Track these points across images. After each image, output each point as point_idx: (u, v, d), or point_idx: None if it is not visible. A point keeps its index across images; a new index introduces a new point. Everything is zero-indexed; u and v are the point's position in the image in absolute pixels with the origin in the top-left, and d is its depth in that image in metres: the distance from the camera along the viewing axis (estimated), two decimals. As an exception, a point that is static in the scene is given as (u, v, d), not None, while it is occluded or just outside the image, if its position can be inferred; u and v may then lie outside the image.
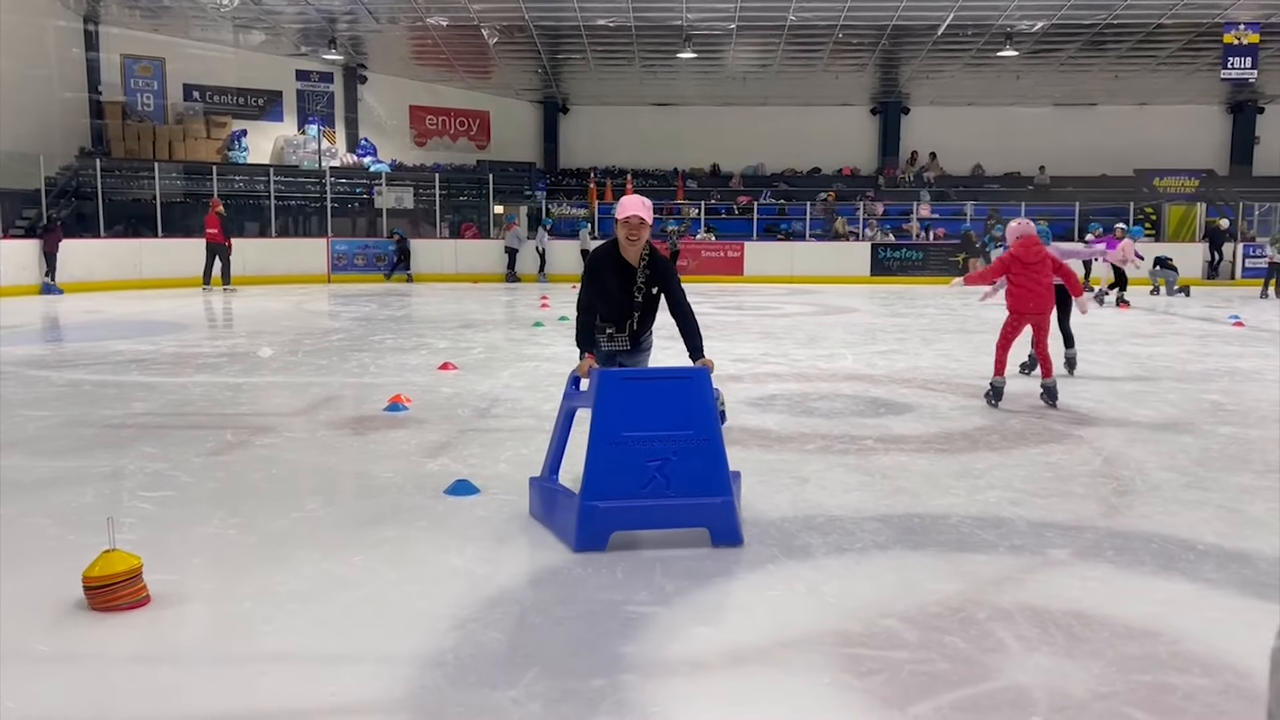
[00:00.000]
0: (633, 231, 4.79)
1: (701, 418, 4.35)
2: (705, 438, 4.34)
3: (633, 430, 4.30)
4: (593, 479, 4.29)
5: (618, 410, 4.32)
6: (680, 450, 4.31)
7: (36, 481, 5.50)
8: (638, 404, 4.34)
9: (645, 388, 4.41)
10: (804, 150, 30.89)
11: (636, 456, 4.29)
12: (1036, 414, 7.61)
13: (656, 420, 4.32)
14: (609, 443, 4.28)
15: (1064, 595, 3.87)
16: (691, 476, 4.31)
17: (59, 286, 19.70)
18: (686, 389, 4.40)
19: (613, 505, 4.27)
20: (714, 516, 4.35)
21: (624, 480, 4.29)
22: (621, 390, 4.37)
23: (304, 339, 12.39)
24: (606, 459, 4.28)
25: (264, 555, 4.31)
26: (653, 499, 4.29)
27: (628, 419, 4.31)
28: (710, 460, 4.34)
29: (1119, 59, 25.23)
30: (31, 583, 3.96)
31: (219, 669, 3.25)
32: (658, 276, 4.91)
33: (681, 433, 4.31)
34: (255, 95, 26.77)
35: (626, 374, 4.56)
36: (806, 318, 15.38)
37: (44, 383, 8.88)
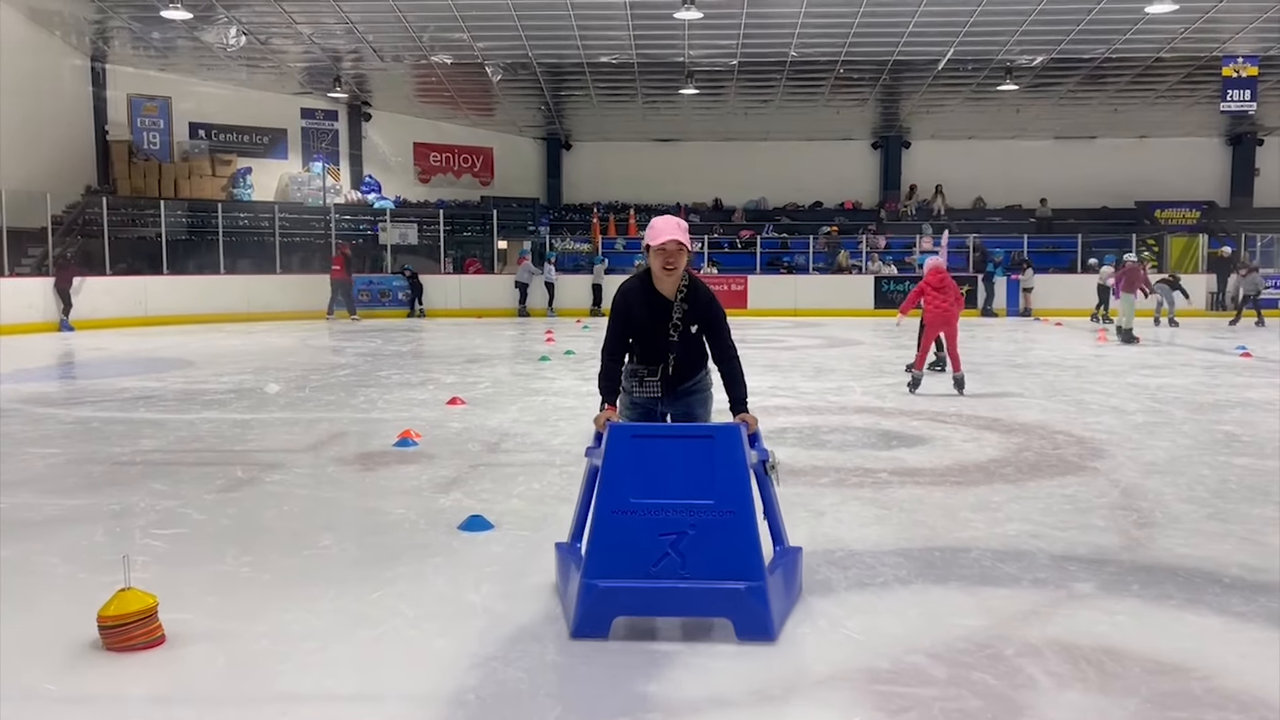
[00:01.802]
0: (670, 260, 4.07)
1: (727, 485, 3.68)
2: (730, 509, 3.65)
3: (643, 496, 3.68)
4: (596, 553, 3.70)
5: (627, 472, 3.72)
6: (699, 523, 3.64)
7: (46, 520, 5.45)
8: (650, 465, 3.72)
9: (660, 446, 3.77)
10: (806, 184, 31.05)
11: (647, 528, 3.66)
12: (1050, 445, 7.56)
13: (672, 486, 3.69)
14: (615, 510, 3.69)
15: (1092, 630, 3.80)
16: (712, 555, 3.63)
17: (71, 324, 19.78)
18: (709, 450, 3.74)
19: (617, 586, 3.63)
20: (737, 606, 3.62)
21: (632, 556, 3.65)
22: (631, 449, 3.76)
23: (310, 375, 12.37)
24: (612, 530, 3.68)
25: (279, 593, 4.25)
26: (665, 580, 3.63)
27: (638, 483, 3.70)
28: (737, 536, 3.64)
29: (1118, 92, 25.41)
30: (43, 622, 3.91)
31: (238, 710, 3.19)
32: (698, 313, 4.18)
33: (701, 502, 3.66)
34: (260, 133, 26.97)
35: (639, 429, 3.93)
36: (812, 350, 15.37)
37: (51, 420, 8.85)
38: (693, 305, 4.16)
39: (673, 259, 4.08)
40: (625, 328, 4.22)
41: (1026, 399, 10.09)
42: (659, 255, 4.09)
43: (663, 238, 4.06)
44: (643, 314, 4.19)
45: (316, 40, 21.75)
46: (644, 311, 4.18)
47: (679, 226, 4.12)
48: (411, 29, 20.62)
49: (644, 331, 4.22)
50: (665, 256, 4.08)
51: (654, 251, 4.09)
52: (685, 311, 4.15)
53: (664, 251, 4.08)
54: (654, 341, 4.21)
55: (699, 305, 4.17)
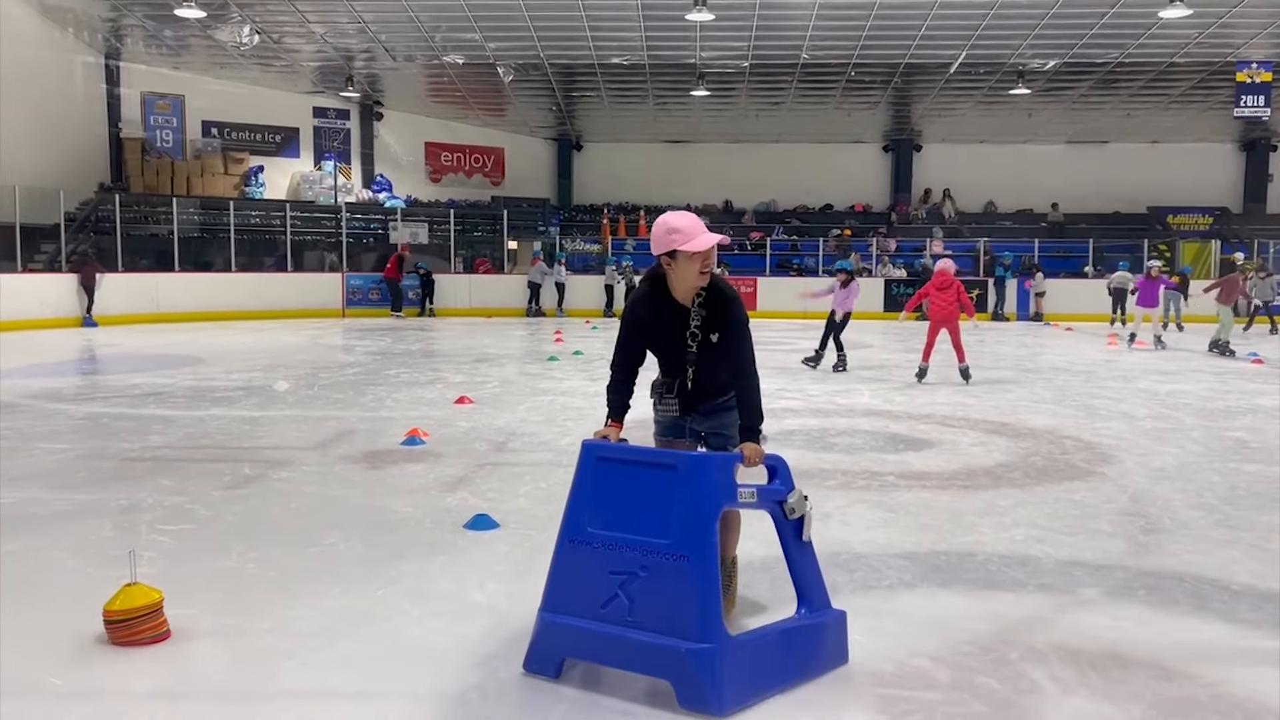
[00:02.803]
0: (706, 262, 3.60)
1: (685, 524, 3.15)
2: (683, 553, 3.11)
3: (601, 526, 3.29)
4: (552, 583, 3.37)
5: (589, 497, 3.36)
6: (651, 566, 3.16)
7: (55, 515, 5.47)
8: (613, 492, 3.32)
9: (624, 472, 3.34)
10: (816, 187, 31.03)
11: (600, 563, 3.25)
12: (1058, 450, 7.54)
13: (631, 518, 3.25)
14: (571, 538, 3.34)
15: (1098, 636, 3.79)
16: (660, 604, 3.13)
17: (94, 319, 19.95)
18: (671, 482, 3.21)
19: (567, 623, 3.29)
20: (676, 669, 3.08)
21: (583, 592, 3.27)
22: (596, 472, 3.38)
23: (319, 373, 12.40)
24: (568, 560, 3.35)
25: (284, 590, 4.27)
26: (611, 625, 3.20)
27: (599, 511, 3.32)
28: (687, 586, 3.09)
29: (1131, 97, 25.32)
30: (49, 616, 3.93)
31: (243, 706, 3.20)
32: (716, 319, 3.64)
33: (655, 540, 3.17)
34: (272, 132, 27.06)
35: (606, 450, 3.45)
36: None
37: (62, 416, 8.89)
38: (712, 310, 3.64)
39: (709, 261, 3.61)
40: (636, 341, 3.77)
41: (1035, 404, 10.06)
42: (695, 260, 3.56)
43: (701, 240, 3.54)
44: (656, 324, 3.70)
45: (329, 40, 21.82)
46: (658, 322, 3.70)
47: (705, 226, 3.67)
48: (424, 29, 20.67)
49: (660, 343, 3.75)
50: (703, 260, 3.57)
51: (688, 257, 3.55)
52: (704, 318, 3.64)
53: (699, 255, 3.56)
54: (671, 354, 3.74)
55: (719, 309, 3.64)
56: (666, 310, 3.68)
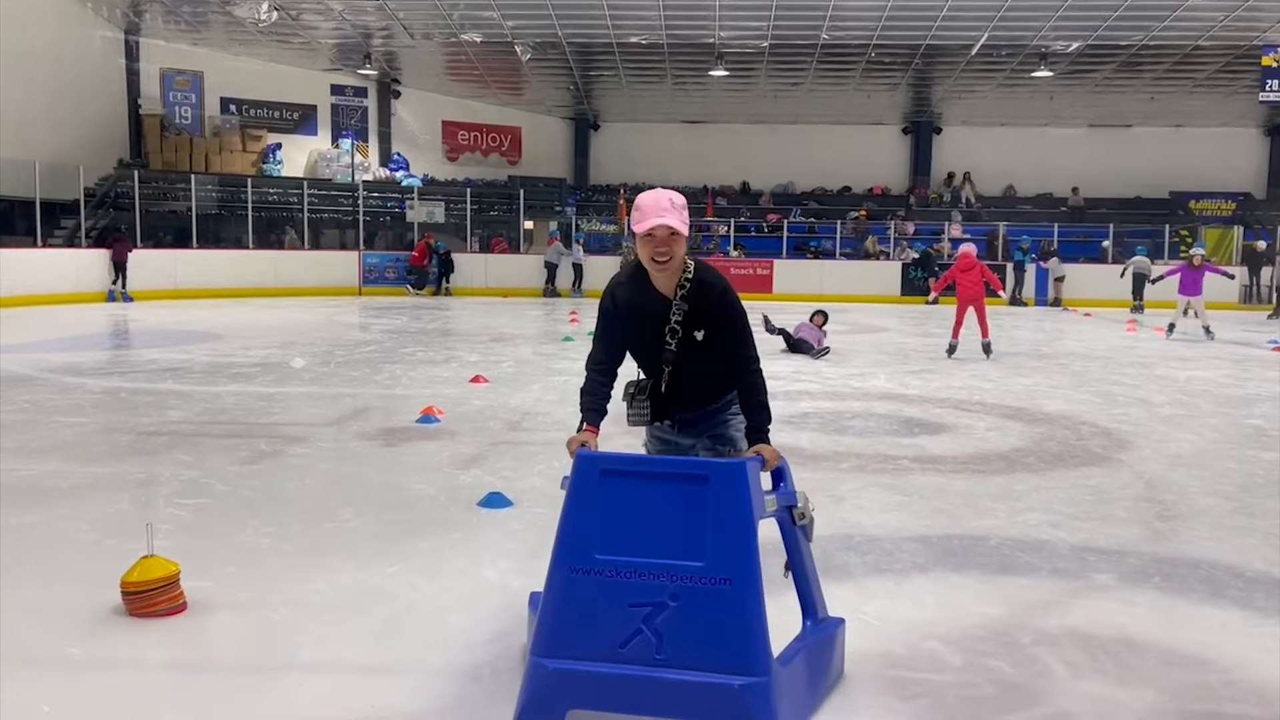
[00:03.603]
0: (661, 249, 3.08)
1: (724, 543, 2.73)
2: (725, 576, 2.70)
3: (612, 552, 2.77)
4: (549, 622, 2.80)
5: (592, 517, 2.82)
6: (684, 592, 2.71)
7: (74, 487, 5.53)
8: (624, 510, 2.81)
9: (638, 486, 2.84)
10: (835, 169, 30.83)
11: (614, 595, 2.74)
12: (1074, 436, 7.50)
13: (651, 540, 2.77)
14: (574, 568, 2.79)
15: (1111, 621, 3.78)
16: (699, 636, 2.69)
17: (130, 295, 20.23)
18: (701, 495, 2.77)
19: (573, 669, 2.74)
20: (729, 708, 2.66)
21: (594, 630, 2.75)
22: (600, 488, 2.85)
23: (336, 350, 12.45)
24: (569, 593, 2.79)
25: (299, 565, 4.30)
26: (635, 666, 2.70)
27: (606, 533, 2.80)
28: (733, 614, 2.69)
29: (1155, 80, 25.03)
30: (68, 587, 3.97)
31: (257, 678, 3.24)
32: (702, 313, 3.17)
33: (687, 564, 2.72)
34: (290, 109, 27.07)
35: (612, 461, 2.94)
36: (837, 336, 15.26)
37: (81, 390, 8.96)
38: (696, 304, 3.15)
39: (665, 248, 3.08)
40: (612, 334, 3.27)
41: (1052, 389, 10.01)
42: (646, 244, 3.10)
43: (648, 221, 3.06)
44: (633, 317, 3.23)
45: (347, 16, 21.78)
46: (635, 314, 3.22)
47: (671, 204, 3.10)
48: (442, 6, 20.60)
49: (637, 339, 3.27)
50: (654, 245, 3.08)
51: (640, 240, 3.11)
52: (685, 312, 3.15)
53: (652, 239, 3.08)
54: (647, 351, 3.26)
55: (705, 303, 3.15)
56: (646, 301, 3.20)
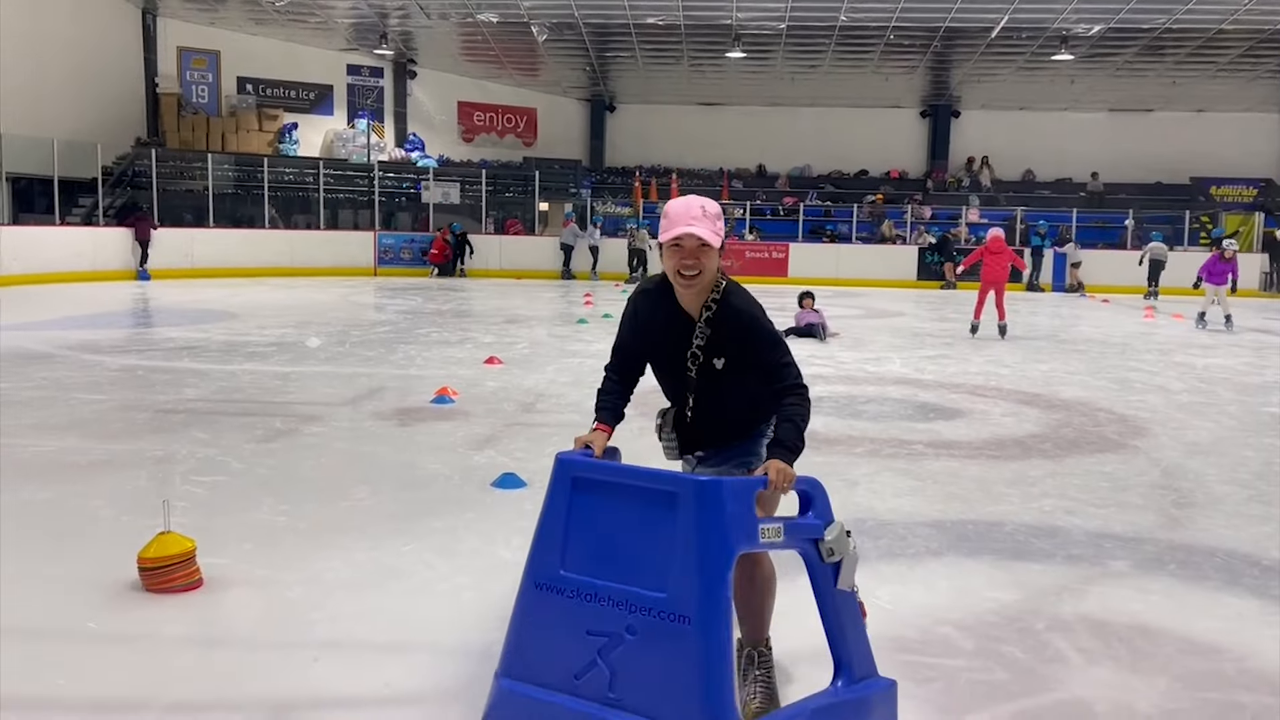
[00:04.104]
0: (688, 261, 2.73)
1: (687, 574, 2.34)
2: (683, 613, 2.31)
3: (576, 569, 2.49)
4: (513, 638, 2.58)
5: (563, 529, 2.54)
6: (641, 627, 2.36)
7: (91, 463, 5.57)
8: (596, 523, 2.52)
9: (612, 496, 2.52)
10: (851, 152, 30.65)
11: (574, 618, 2.45)
12: (1091, 422, 7.46)
13: (616, 561, 2.45)
14: (538, 583, 2.53)
15: (1125, 608, 3.77)
16: (652, 680, 2.34)
17: (148, 273, 20.43)
18: (669, 515, 2.39)
19: (526, 695, 2.49)
20: None
21: (552, 654, 2.48)
22: (571, 497, 2.57)
23: (351, 330, 12.49)
24: (532, 610, 2.54)
25: (314, 543, 4.32)
26: (587, 702, 2.40)
27: (576, 547, 2.51)
28: (685, 658, 2.31)
29: (1177, 64, 24.75)
30: (86, 562, 4.01)
31: (272, 654, 3.26)
32: (725, 340, 2.80)
33: (647, 594, 2.37)
34: (307, 89, 27.07)
35: (588, 469, 2.62)
36: (852, 320, 15.24)
37: (99, 367, 9.01)
38: (718, 328, 2.79)
39: (692, 259, 2.72)
40: (630, 346, 2.98)
41: (1069, 375, 9.95)
42: (673, 254, 2.75)
43: (675, 230, 2.72)
44: (654, 332, 2.90)
45: (364, -4, 21.74)
46: (656, 331, 2.90)
47: (704, 212, 2.74)
48: (458, -14, 20.52)
49: (658, 358, 2.95)
50: (680, 256, 2.73)
51: (667, 250, 2.76)
52: (708, 337, 2.80)
53: (679, 249, 2.73)
54: (670, 375, 2.94)
55: (728, 329, 2.79)
56: (669, 318, 2.86)
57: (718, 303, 2.80)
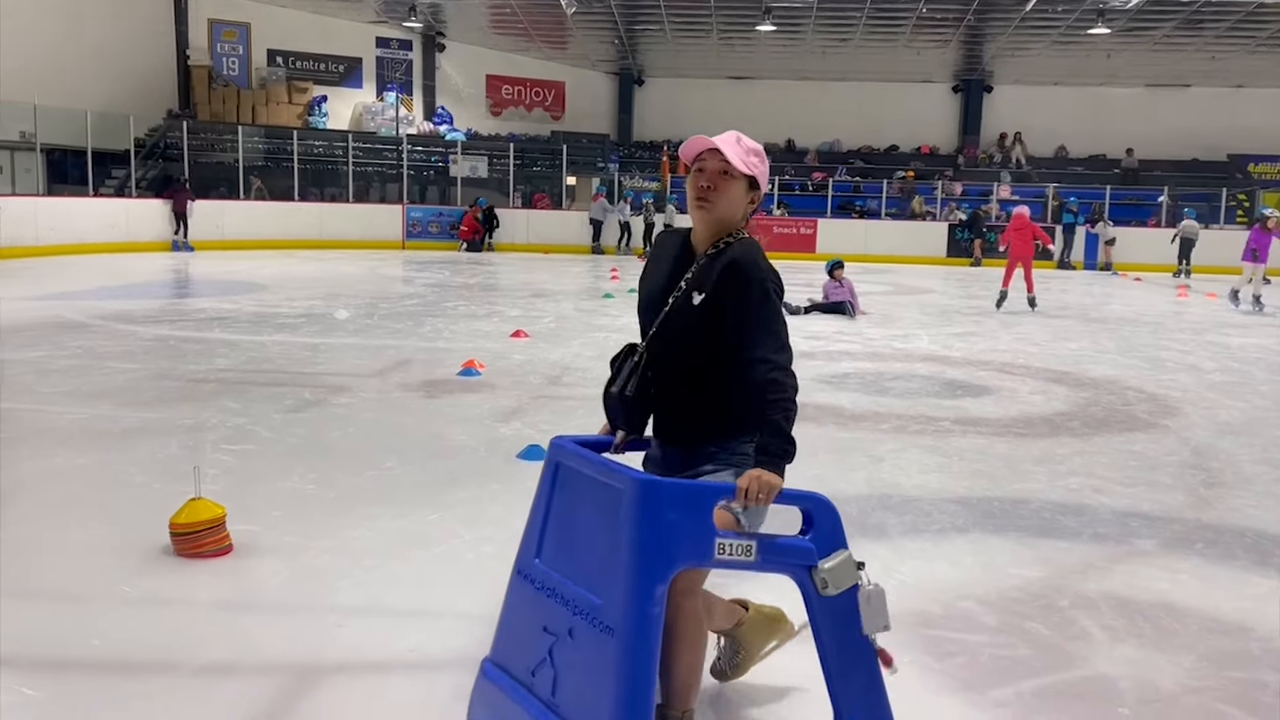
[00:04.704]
0: (706, 186, 2.45)
1: (620, 580, 2.16)
2: (610, 624, 2.16)
3: (547, 560, 2.42)
4: (501, 620, 2.54)
5: (544, 516, 2.47)
6: (580, 631, 2.24)
7: (125, 431, 5.65)
8: (573, 512, 2.41)
9: (582, 488, 2.38)
10: (882, 127, 30.36)
11: (538, 611, 2.37)
12: (1120, 401, 7.39)
13: (577, 557, 2.34)
14: (519, 569, 2.49)
15: (1152, 587, 3.75)
16: (581, 689, 2.22)
17: (191, 244, 20.66)
18: (615, 510, 2.21)
19: (499, 684, 2.44)
20: None
21: (520, 644, 2.42)
22: (553, 482, 2.46)
23: (379, 303, 12.56)
24: (513, 597, 2.50)
25: (341, 511, 4.37)
26: (533, 701, 2.33)
27: (549, 536, 2.44)
28: (605, 674, 2.15)
29: (1216, 39, 24.28)
30: (119, 528, 4.07)
31: (299, 618, 3.31)
32: (711, 274, 2.42)
33: (589, 597, 2.23)
34: (336, 61, 27.12)
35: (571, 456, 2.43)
36: (880, 297, 15.14)
37: (132, 337, 9.12)
38: (710, 271, 2.43)
39: (712, 184, 2.44)
40: (641, 288, 2.64)
41: (1099, 354, 9.86)
42: (694, 178, 2.48)
43: (700, 146, 2.48)
44: (658, 265, 2.60)
45: (393, -32, 21.71)
46: (660, 262, 2.60)
47: (738, 140, 2.49)
48: (487, -42, 20.44)
49: (648, 292, 2.59)
50: (699, 181, 2.46)
51: (690, 176, 2.51)
52: (698, 270, 2.46)
53: (700, 173, 2.47)
54: (648, 309, 2.56)
55: (720, 265, 2.42)
56: (678, 253, 2.56)
57: (727, 244, 2.46)
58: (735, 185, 2.46)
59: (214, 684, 2.87)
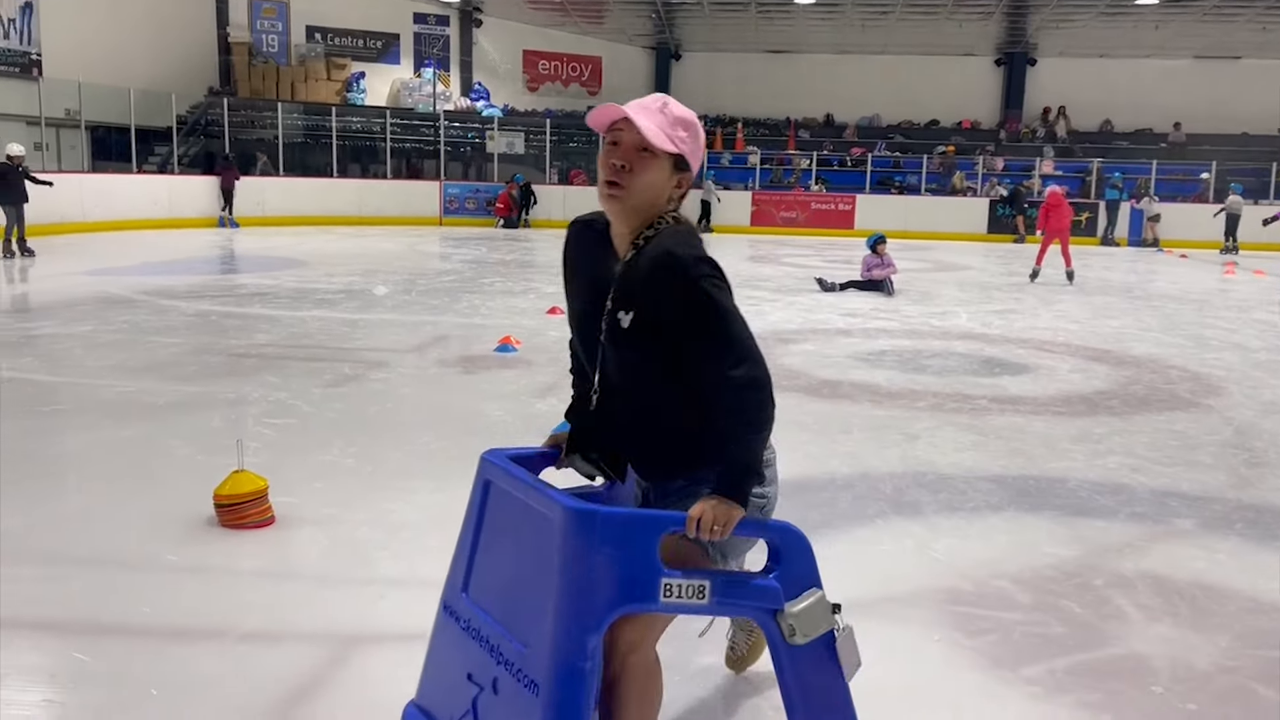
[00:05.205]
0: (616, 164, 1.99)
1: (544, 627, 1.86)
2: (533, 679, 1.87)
3: (476, 595, 2.11)
4: (428, 659, 2.26)
5: (473, 541, 2.16)
6: (503, 682, 1.95)
7: (168, 404, 5.77)
8: (499, 542, 2.10)
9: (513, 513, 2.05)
10: (922, 101, 29.94)
11: (462, 655, 2.09)
12: (1162, 380, 7.30)
13: (504, 593, 2.04)
14: (445, 603, 2.19)
15: (1189, 566, 3.72)
16: None
17: (237, 221, 20.93)
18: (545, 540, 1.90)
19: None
20: None
21: (444, 688, 2.15)
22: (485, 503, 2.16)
23: (417, 279, 12.65)
24: (439, 633, 2.21)
25: (380, 484, 4.44)
26: None
27: (480, 567, 2.13)
28: None
29: (1268, 9, 23.65)
30: (165, 498, 4.17)
31: (339, 589, 3.38)
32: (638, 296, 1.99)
33: (514, 643, 1.94)
34: (374, 37, 27.20)
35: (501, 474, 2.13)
36: (919, 274, 15.01)
37: (175, 312, 9.28)
38: (633, 273, 2.00)
39: (627, 163, 1.97)
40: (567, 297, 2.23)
41: (1141, 332, 9.72)
42: (604, 156, 2.02)
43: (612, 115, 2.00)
44: (578, 275, 2.18)
45: (430, -57, 21.68)
46: (580, 271, 2.17)
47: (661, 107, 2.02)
48: (524, -67, 20.36)
49: (576, 310, 2.17)
50: (611, 158, 1.99)
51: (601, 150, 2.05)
52: (618, 283, 2.02)
53: (612, 146, 2.00)
54: (581, 337, 2.17)
55: (641, 275, 1.97)
56: (596, 257, 2.10)
57: (649, 240, 1.99)
58: (656, 166, 1.99)
59: (258, 651, 2.95)
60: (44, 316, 9.14)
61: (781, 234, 24.50)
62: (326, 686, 2.76)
